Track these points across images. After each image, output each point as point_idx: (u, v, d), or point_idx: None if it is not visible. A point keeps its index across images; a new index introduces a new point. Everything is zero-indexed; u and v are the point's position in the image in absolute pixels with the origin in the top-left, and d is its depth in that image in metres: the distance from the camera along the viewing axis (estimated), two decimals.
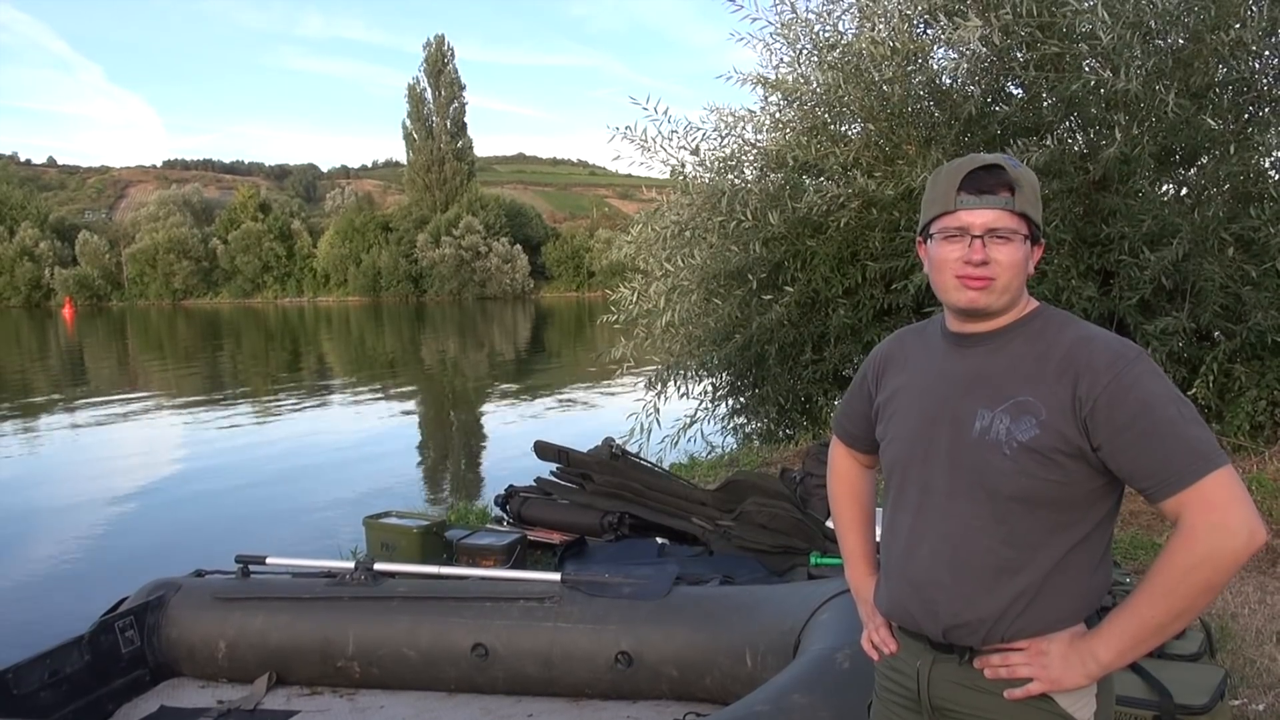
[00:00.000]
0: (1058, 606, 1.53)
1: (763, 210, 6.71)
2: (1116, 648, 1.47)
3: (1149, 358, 1.50)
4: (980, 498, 1.54)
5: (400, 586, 3.85)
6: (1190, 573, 1.41)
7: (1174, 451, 1.42)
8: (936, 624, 1.59)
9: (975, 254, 1.54)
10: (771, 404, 8.21)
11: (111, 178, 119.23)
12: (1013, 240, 1.54)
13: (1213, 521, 1.40)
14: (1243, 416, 6.00)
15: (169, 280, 70.14)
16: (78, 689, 3.50)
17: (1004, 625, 1.53)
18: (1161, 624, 1.45)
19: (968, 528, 1.56)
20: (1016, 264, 1.54)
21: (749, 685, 3.11)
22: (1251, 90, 6.11)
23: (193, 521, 8.51)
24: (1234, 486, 1.42)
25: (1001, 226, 1.54)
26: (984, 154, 1.60)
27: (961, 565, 1.56)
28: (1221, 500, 1.40)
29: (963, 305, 1.57)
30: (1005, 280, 1.55)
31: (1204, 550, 1.40)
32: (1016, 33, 5.99)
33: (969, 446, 1.55)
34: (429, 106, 72.38)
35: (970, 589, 1.55)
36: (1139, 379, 1.46)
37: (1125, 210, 5.88)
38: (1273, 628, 3.92)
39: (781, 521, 4.66)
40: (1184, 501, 1.42)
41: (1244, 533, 1.40)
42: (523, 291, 67.26)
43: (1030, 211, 1.55)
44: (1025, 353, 1.55)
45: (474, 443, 13.53)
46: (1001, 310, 1.58)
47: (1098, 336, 1.54)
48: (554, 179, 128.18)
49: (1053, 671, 1.51)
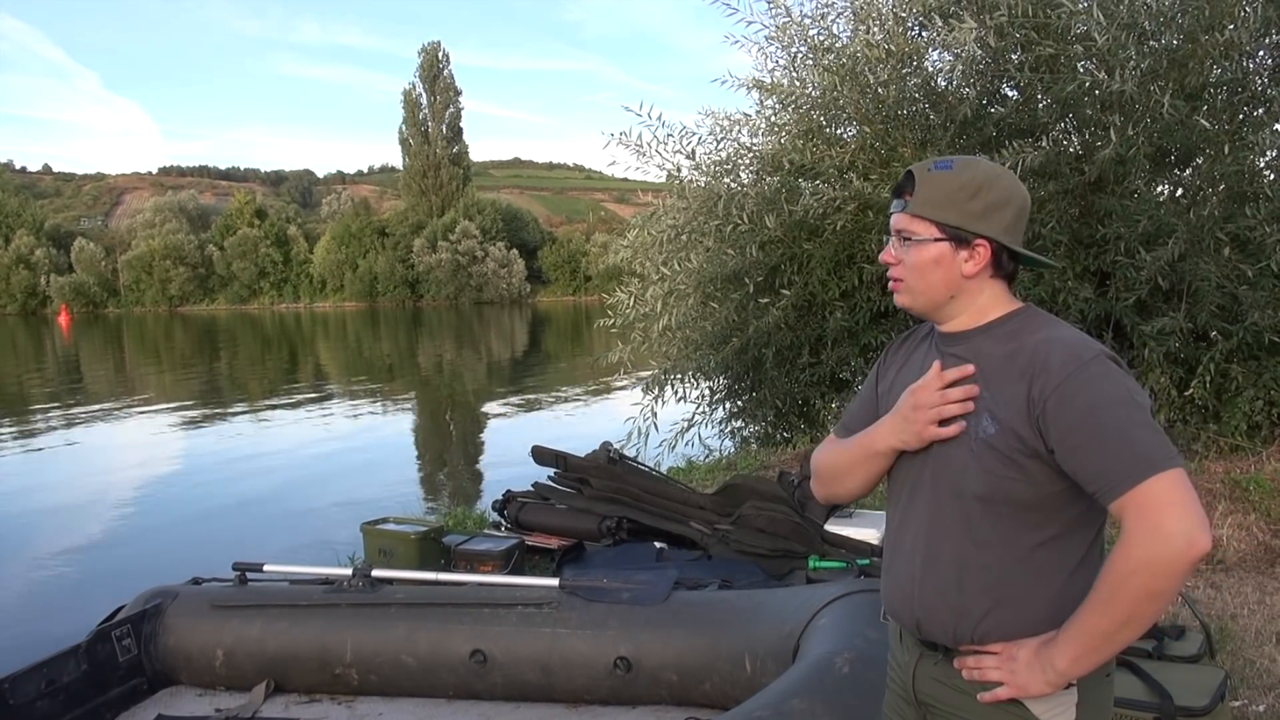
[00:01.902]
0: (1031, 609, 1.53)
1: (759, 214, 6.71)
2: (1070, 655, 1.46)
3: (1106, 360, 1.48)
4: (948, 495, 1.56)
5: (398, 593, 3.83)
6: (1127, 580, 1.39)
7: (1117, 454, 1.41)
8: (911, 620, 1.63)
9: (884, 254, 1.63)
10: (769, 407, 8.21)
11: (107, 184, 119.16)
12: (916, 242, 1.57)
13: (1149, 526, 1.37)
14: (1240, 416, 6.00)
15: (165, 287, 70.08)
16: (75, 698, 3.49)
17: (969, 624, 1.55)
18: (1108, 632, 1.43)
19: (939, 525, 1.58)
20: (919, 265, 1.58)
21: (748, 690, 3.10)
22: (1246, 91, 6.12)
23: (189, 529, 8.50)
24: (1175, 491, 1.38)
25: (902, 229, 1.59)
26: (953, 158, 1.62)
27: (932, 562, 1.59)
28: (1160, 505, 1.37)
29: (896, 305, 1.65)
30: (910, 281, 1.60)
31: (1141, 556, 1.38)
32: (1011, 34, 6.00)
33: (941, 444, 1.57)
34: (425, 112, 72.51)
35: (937, 586, 1.58)
36: (1089, 380, 1.45)
37: (1121, 211, 5.89)
38: (1272, 628, 3.92)
39: (780, 525, 4.65)
40: (1124, 505, 1.40)
41: (1180, 539, 1.36)
42: (519, 296, 67.28)
43: (930, 213, 1.56)
44: (995, 353, 1.56)
45: (471, 448, 13.52)
46: (929, 310, 1.62)
47: (1060, 338, 1.52)
48: (550, 183, 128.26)
49: (1019, 677, 1.51)
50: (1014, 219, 1.58)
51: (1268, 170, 6.14)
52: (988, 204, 1.56)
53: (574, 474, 5.35)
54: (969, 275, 1.57)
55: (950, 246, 1.56)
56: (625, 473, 5.28)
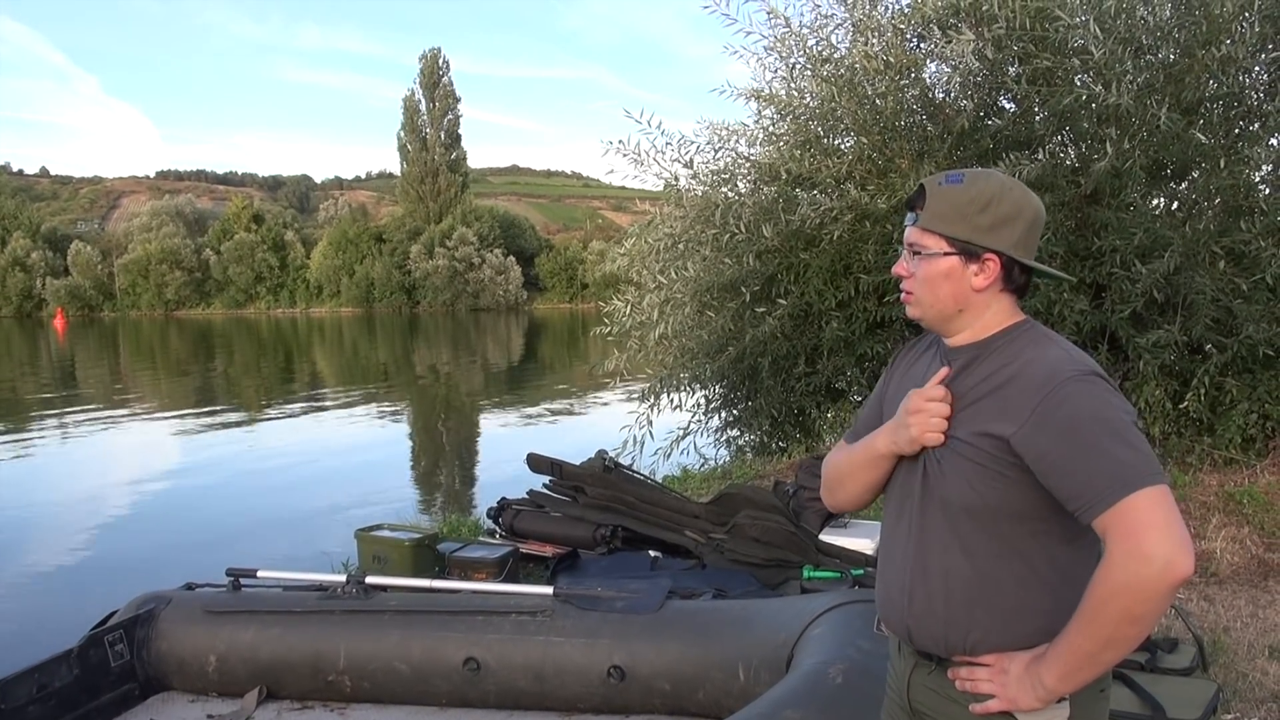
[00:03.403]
0: (1020, 620, 1.53)
1: (756, 223, 6.71)
2: (1057, 673, 1.45)
3: (1086, 377, 1.47)
4: (938, 505, 1.57)
5: (392, 600, 3.83)
6: (1108, 602, 1.38)
7: (1096, 472, 1.40)
8: (903, 629, 1.63)
9: (896, 267, 1.65)
10: (765, 416, 8.20)
11: (104, 188, 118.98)
12: (927, 256, 1.59)
13: (1128, 549, 1.35)
14: (1234, 430, 6.00)
15: (161, 291, 69.98)
16: (66, 703, 3.48)
17: (959, 634, 1.55)
18: (1091, 652, 1.42)
19: (929, 535, 1.59)
20: (929, 279, 1.59)
21: (742, 700, 3.10)
22: (1242, 105, 6.14)
23: (183, 534, 8.47)
24: (1156, 511, 1.36)
25: (914, 242, 1.61)
26: (961, 171, 1.62)
27: (921, 572, 1.59)
28: (1139, 525, 1.35)
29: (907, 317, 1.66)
30: (920, 294, 1.62)
31: (1120, 579, 1.36)
32: (1009, 47, 6.02)
33: (933, 455, 1.58)
34: (424, 118, 72.54)
35: (926, 596, 1.58)
36: (1069, 398, 1.44)
37: (1117, 224, 5.90)
38: (1265, 641, 3.92)
39: (775, 535, 4.65)
40: (1105, 525, 1.39)
41: (1159, 561, 1.33)
42: (516, 303, 67.26)
43: (939, 227, 1.57)
44: (989, 367, 1.57)
45: (466, 455, 13.50)
46: (937, 323, 1.63)
47: (1047, 356, 1.52)
48: (548, 191, 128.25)
49: (1009, 690, 1.51)
50: (1025, 232, 1.57)
51: (1263, 184, 6.15)
52: (997, 218, 1.56)
53: (569, 482, 5.34)
54: (979, 289, 1.58)
55: (960, 260, 1.57)
56: (620, 481, 5.28)
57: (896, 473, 1.68)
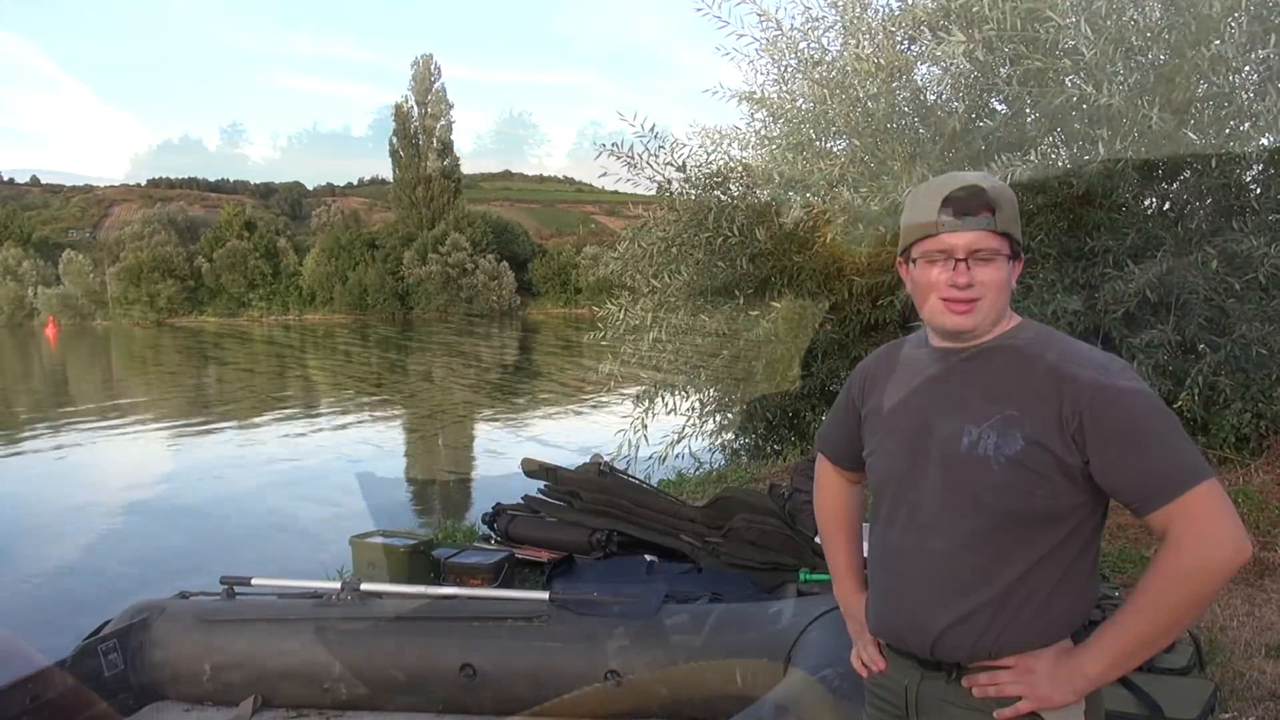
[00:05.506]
0: (1045, 621, 1.52)
1: (749, 226, 6.73)
2: (1105, 662, 1.46)
3: (1132, 371, 1.51)
4: (967, 513, 1.53)
5: (387, 607, 3.81)
6: (1179, 586, 1.42)
7: (1160, 464, 1.43)
8: (924, 642, 1.58)
9: (960, 276, 1.54)
10: (759, 420, 8.21)
11: (96, 196, 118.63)
12: (995, 260, 1.54)
13: (1200, 534, 1.40)
14: (1228, 429, 6.02)
15: (154, 299, 69.69)
16: (60, 713, 3.45)
17: (989, 640, 1.53)
18: (1149, 638, 1.45)
19: (955, 543, 1.55)
20: (1000, 284, 1.55)
21: (739, 704, 3.08)
22: (1232, 105, 6.15)
23: (177, 542, 8.45)
24: (1220, 499, 1.43)
25: (984, 248, 1.53)
26: (962, 173, 1.60)
27: (948, 581, 1.55)
28: (1209, 513, 1.41)
29: (950, 328, 1.57)
30: (989, 301, 1.55)
31: (1192, 563, 1.41)
32: (1000, 48, 6.03)
33: (957, 462, 1.54)
34: (416, 125, 72.50)
35: (956, 605, 1.54)
36: (1123, 393, 1.46)
37: (1109, 224, 5.92)
38: (1261, 640, 3.92)
39: (770, 538, 4.64)
40: (1171, 514, 1.42)
41: (1231, 545, 1.41)
42: (510, 308, 67.15)
43: (1012, 230, 1.56)
44: (1009, 368, 1.55)
45: (461, 460, 13.48)
46: (985, 329, 1.58)
47: (1081, 351, 1.54)
48: (540, 196, 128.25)
49: (1040, 689, 1.50)
50: None
51: (1254, 184, 6.17)
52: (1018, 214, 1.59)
53: (564, 487, 5.33)
54: (1012, 289, 1.59)
55: (1010, 263, 1.57)
56: (615, 485, 5.26)
57: (888, 486, 1.64)
